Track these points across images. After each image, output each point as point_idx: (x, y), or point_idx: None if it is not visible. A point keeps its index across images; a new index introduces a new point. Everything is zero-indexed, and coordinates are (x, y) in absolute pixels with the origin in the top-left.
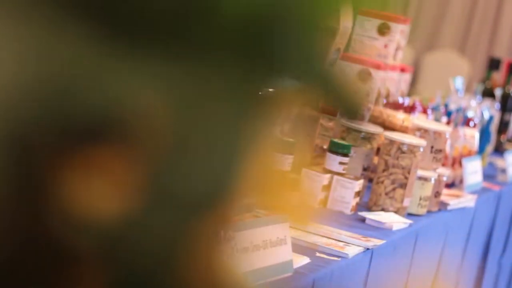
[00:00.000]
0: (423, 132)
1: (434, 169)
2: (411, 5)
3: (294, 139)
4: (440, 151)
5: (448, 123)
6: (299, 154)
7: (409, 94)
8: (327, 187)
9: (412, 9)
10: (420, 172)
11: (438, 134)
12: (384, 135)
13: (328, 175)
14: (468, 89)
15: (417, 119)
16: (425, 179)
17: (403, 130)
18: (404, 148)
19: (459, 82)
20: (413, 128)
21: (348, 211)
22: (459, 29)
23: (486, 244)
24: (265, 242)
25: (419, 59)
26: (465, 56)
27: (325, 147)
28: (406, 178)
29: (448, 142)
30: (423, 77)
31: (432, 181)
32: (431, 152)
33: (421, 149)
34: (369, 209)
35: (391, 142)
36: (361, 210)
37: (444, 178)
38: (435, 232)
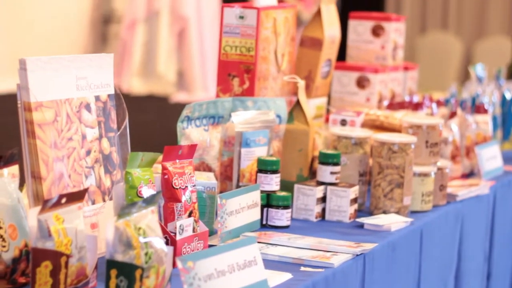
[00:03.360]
0: (415, 128)
1: (433, 163)
2: None
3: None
4: (436, 144)
5: (453, 113)
6: None
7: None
8: (323, 200)
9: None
10: (418, 169)
11: (431, 128)
12: (373, 138)
13: (321, 187)
14: None
15: (409, 116)
16: (424, 175)
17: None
18: (395, 148)
19: (479, 69)
20: (405, 126)
21: (346, 219)
22: (505, 13)
23: None
24: (231, 266)
25: (470, 49)
26: None
27: None
28: (402, 177)
29: (458, 132)
30: None
31: (432, 175)
32: (427, 147)
33: (412, 146)
34: (370, 213)
35: (381, 143)
36: (362, 216)
37: (447, 170)
38: (446, 225)
